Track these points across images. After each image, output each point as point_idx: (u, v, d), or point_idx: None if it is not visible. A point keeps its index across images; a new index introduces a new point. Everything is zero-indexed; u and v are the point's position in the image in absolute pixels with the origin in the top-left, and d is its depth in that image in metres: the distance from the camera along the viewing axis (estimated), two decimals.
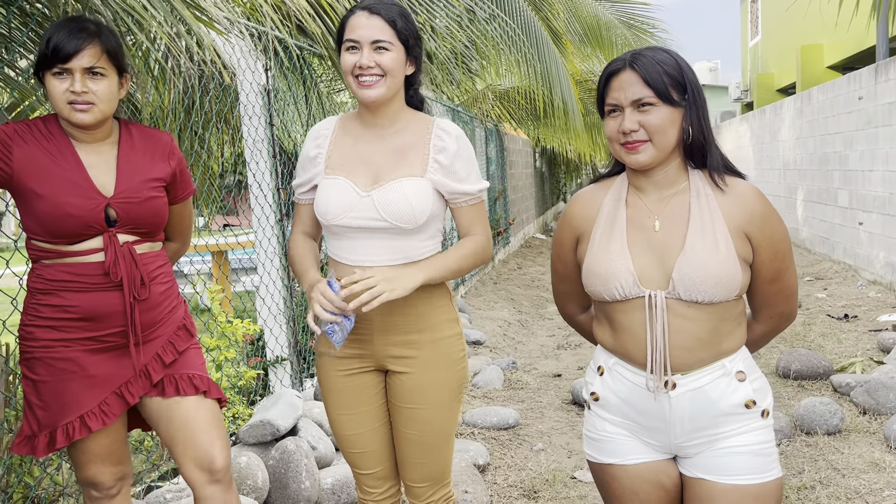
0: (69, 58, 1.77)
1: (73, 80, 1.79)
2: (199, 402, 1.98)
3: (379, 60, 1.84)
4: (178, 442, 1.97)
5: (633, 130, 1.55)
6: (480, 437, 4.11)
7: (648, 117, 1.55)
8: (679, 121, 1.57)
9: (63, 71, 1.79)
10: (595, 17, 8.05)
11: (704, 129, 1.59)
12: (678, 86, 1.56)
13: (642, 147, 1.57)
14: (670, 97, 1.54)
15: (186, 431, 1.95)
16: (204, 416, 1.97)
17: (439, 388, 1.97)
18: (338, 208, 1.89)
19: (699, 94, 1.58)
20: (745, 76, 20.64)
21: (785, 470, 3.46)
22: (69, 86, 1.79)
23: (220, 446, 1.98)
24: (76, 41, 1.78)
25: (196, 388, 1.97)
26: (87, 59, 1.79)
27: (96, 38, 1.81)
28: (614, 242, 1.64)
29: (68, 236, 1.84)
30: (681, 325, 1.58)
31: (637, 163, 1.59)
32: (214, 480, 1.97)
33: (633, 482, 1.70)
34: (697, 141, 1.59)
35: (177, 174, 2.01)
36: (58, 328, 1.87)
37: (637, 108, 1.55)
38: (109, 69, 1.84)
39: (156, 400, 1.97)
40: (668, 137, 1.56)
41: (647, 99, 1.54)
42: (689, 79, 1.57)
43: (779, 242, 1.62)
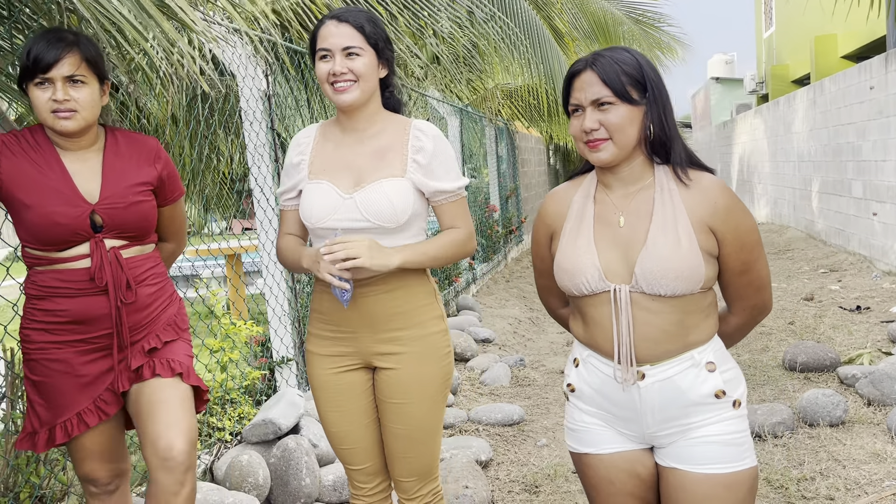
0: (49, 67, 1.82)
1: (54, 89, 1.83)
2: (171, 383, 1.95)
3: (351, 66, 1.90)
4: (141, 421, 1.94)
5: (594, 129, 1.59)
6: (485, 434, 4.15)
7: (608, 116, 1.59)
8: (640, 119, 1.61)
9: (44, 80, 1.83)
10: (602, 13, 8.04)
11: (666, 126, 1.62)
12: (638, 85, 1.59)
13: (603, 145, 1.61)
14: (629, 96, 1.58)
15: (151, 412, 1.93)
16: (171, 398, 1.93)
17: (425, 384, 2.01)
18: (322, 211, 1.95)
19: (660, 91, 1.62)
20: (759, 68, 20.47)
21: (785, 462, 3.46)
22: (51, 94, 1.83)
23: (179, 431, 1.91)
24: (55, 50, 1.82)
25: (172, 370, 1.97)
26: (66, 67, 1.83)
27: (75, 47, 1.86)
28: (581, 238, 1.68)
29: (57, 243, 1.89)
30: (646, 317, 1.62)
31: (599, 160, 1.63)
32: (167, 468, 1.90)
33: (608, 471, 1.73)
34: (659, 137, 1.62)
35: (163, 177, 2.05)
36: (50, 331, 1.93)
37: (597, 107, 1.59)
38: (90, 76, 1.89)
39: (135, 387, 1.97)
40: (628, 135, 1.60)
41: (605, 98, 1.58)
42: (650, 77, 1.61)
43: (745, 235, 1.64)
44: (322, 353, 2.05)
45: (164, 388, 1.95)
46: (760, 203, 15.19)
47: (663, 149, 1.65)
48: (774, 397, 4.38)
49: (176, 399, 1.95)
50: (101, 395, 1.97)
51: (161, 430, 1.91)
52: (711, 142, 22.11)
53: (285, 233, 2.09)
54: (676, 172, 1.63)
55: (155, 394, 1.94)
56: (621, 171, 1.67)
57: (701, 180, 1.64)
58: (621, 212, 1.66)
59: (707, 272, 1.61)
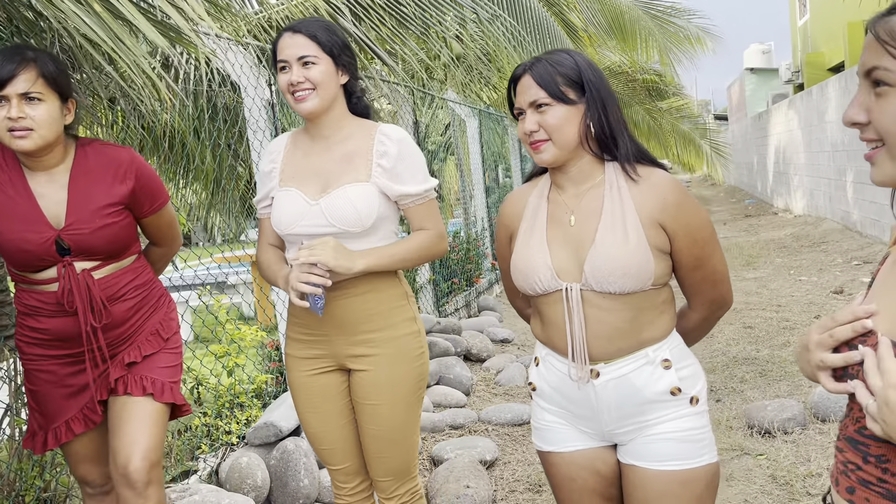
0: (4, 84, 1.77)
1: (9, 107, 1.79)
2: (140, 401, 1.97)
3: (307, 75, 1.94)
4: (110, 436, 1.98)
5: (534, 131, 1.63)
6: (494, 434, 4.17)
7: (545, 117, 1.61)
8: (578, 118, 1.62)
9: (0, 98, 1.79)
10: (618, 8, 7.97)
11: (608, 124, 1.63)
12: (574, 85, 1.61)
13: (544, 146, 1.63)
14: (564, 97, 1.60)
15: (116, 428, 1.96)
16: (135, 416, 1.95)
17: (398, 385, 2.04)
18: (290, 218, 1.99)
19: (600, 90, 1.63)
20: (795, 57, 20.03)
21: (793, 458, 3.41)
22: (6, 112, 1.78)
23: (139, 449, 1.93)
24: (10, 66, 1.77)
25: (143, 389, 1.98)
26: (21, 84, 1.78)
27: (32, 63, 1.80)
28: (534, 238, 1.70)
29: (27, 267, 1.91)
30: (598, 315, 1.63)
31: (542, 161, 1.66)
32: (127, 483, 1.93)
33: (569, 469, 1.75)
34: (601, 136, 1.63)
35: (136, 191, 2.00)
36: (39, 345, 2.01)
37: (536, 109, 1.62)
38: (48, 94, 1.83)
39: (110, 399, 2.02)
40: (567, 135, 1.62)
41: (541, 100, 1.61)
42: (588, 77, 1.62)
43: (696, 231, 1.64)
44: (298, 355, 2.09)
45: (131, 405, 1.97)
46: (797, 195, 14.87)
47: (610, 145, 1.65)
48: (789, 393, 4.31)
49: (141, 416, 1.96)
50: (87, 403, 2.03)
51: (121, 446, 1.94)
52: (747, 134, 21.71)
53: (265, 242, 2.13)
54: (624, 169, 1.64)
55: (123, 410, 1.97)
56: (570, 171, 1.68)
57: (650, 176, 1.64)
58: (572, 211, 1.68)
59: (657, 269, 1.61)
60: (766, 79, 25.07)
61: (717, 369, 4.97)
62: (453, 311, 6.98)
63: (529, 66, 1.64)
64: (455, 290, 7.30)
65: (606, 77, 1.73)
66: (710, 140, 17.29)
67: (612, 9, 7.92)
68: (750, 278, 8.30)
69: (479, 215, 8.76)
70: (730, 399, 4.38)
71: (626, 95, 13.17)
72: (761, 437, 3.73)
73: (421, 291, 6.55)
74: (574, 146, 1.64)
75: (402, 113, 6.32)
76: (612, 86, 1.72)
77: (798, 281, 7.83)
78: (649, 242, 1.60)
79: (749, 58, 26.58)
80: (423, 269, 6.57)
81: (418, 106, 6.95)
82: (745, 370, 4.88)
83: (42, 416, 2.04)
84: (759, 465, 3.41)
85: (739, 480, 3.29)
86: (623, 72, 12.29)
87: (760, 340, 5.57)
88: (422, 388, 2.11)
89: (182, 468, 3.17)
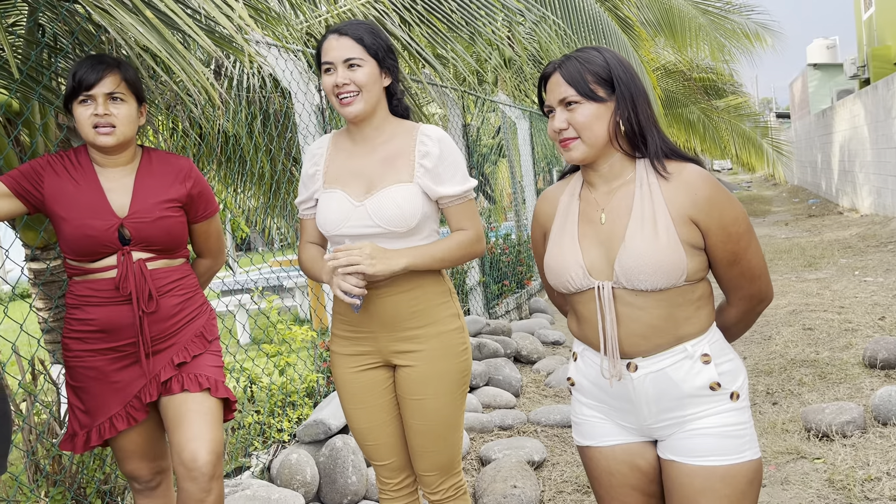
0: (92, 85, 2.00)
1: (96, 105, 2.01)
2: (198, 398, 2.07)
3: (352, 77, 1.98)
4: (170, 432, 2.08)
5: (563, 129, 1.63)
6: (543, 435, 4.15)
7: (574, 115, 1.62)
8: (607, 116, 1.62)
9: (87, 98, 2.01)
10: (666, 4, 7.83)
11: (637, 122, 1.62)
12: (604, 83, 1.61)
13: (573, 144, 1.64)
14: (594, 94, 1.61)
15: (178, 425, 2.06)
16: (197, 411, 2.05)
17: (442, 380, 2.07)
18: (336, 219, 2.04)
19: (629, 88, 1.62)
20: (860, 51, 19.35)
21: (851, 462, 3.30)
22: (93, 110, 2.01)
23: (204, 443, 2.02)
24: (98, 70, 2.01)
25: (199, 385, 2.09)
26: (107, 85, 2.01)
27: (115, 68, 2.05)
28: (566, 237, 1.71)
29: (88, 254, 2.05)
30: (631, 313, 1.62)
31: (571, 159, 1.67)
32: (192, 478, 2.02)
33: (608, 463, 1.74)
34: (631, 133, 1.63)
35: (193, 195, 2.18)
36: (84, 340, 2.09)
37: (565, 107, 1.63)
38: (128, 96, 2.06)
39: (164, 399, 2.11)
40: (596, 132, 1.62)
41: (570, 98, 1.62)
42: (618, 75, 1.62)
43: (730, 225, 1.61)
44: (344, 352, 2.14)
45: (191, 401, 2.07)
46: (862, 193, 14.36)
47: (641, 143, 1.65)
48: (849, 396, 4.17)
49: (202, 412, 2.06)
50: (130, 401, 2.11)
51: (185, 441, 2.03)
52: (811, 131, 21.06)
53: (306, 241, 2.19)
54: (654, 166, 1.63)
55: (182, 406, 2.06)
56: (601, 168, 1.68)
57: (682, 172, 1.63)
58: (603, 209, 1.68)
59: (690, 265, 1.59)
60: (830, 74, 24.29)
61: (774, 371, 4.85)
62: (504, 314, 6.98)
63: (559, 65, 1.65)
64: (505, 292, 7.29)
65: (658, 75, 1.72)
66: (772, 139, 16.84)
67: (661, 4, 7.80)
68: (811, 279, 8.06)
69: (531, 217, 8.73)
70: (787, 402, 4.26)
71: (682, 95, 12.92)
72: (818, 440, 3.62)
73: (471, 293, 6.56)
74: (603, 144, 1.64)
75: (452, 116, 6.36)
76: (666, 85, 1.71)
77: (863, 282, 7.56)
78: (681, 239, 1.58)
79: (812, 53, 25.81)
80: (473, 271, 6.59)
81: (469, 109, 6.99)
82: (803, 372, 4.75)
83: (85, 413, 2.12)
84: (815, 470, 3.32)
85: (795, 484, 3.21)
86: (678, 70, 12.07)
87: (821, 342, 5.40)
88: (465, 383, 2.13)
89: (235, 464, 3.25)
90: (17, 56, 2.81)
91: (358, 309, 1.98)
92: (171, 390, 2.09)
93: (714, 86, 15.12)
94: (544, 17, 4.78)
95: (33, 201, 2.06)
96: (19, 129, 3.06)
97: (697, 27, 8.35)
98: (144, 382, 2.10)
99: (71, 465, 2.69)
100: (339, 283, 1.94)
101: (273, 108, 4.69)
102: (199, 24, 2.62)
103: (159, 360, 2.11)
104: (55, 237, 3.09)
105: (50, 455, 2.66)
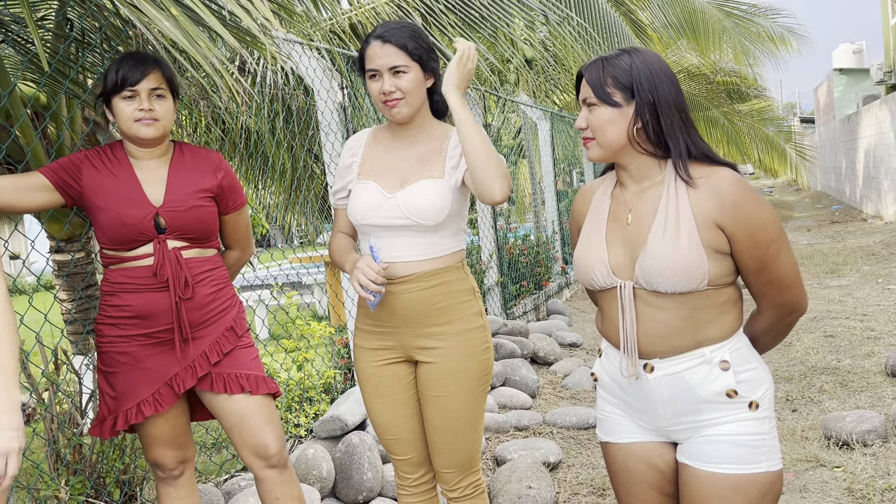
0: (138, 81, 2.08)
1: (140, 100, 2.09)
2: (247, 399, 2.20)
3: (398, 84, 2.02)
4: (234, 434, 2.22)
5: (583, 128, 1.66)
6: (559, 437, 4.14)
7: (592, 116, 1.64)
8: (624, 120, 1.62)
9: (132, 94, 2.09)
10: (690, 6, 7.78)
11: (659, 129, 1.61)
12: (623, 88, 1.61)
13: (591, 144, 1.67)
14: (609, 99, 1.61)
15: (241, 425, 2.20)
16: (254, 412, 2.20)
17: (464, 377, 2.08)
18: (367, 208, 2.08)
19: (652, 95, 1.60)
20: (888, 57, 19.09)
21: (871, 471, 3.26)
22: (137, 105, 2.09)
23: (273, 436, 2.22)
24: (143, 68, 2.10)
25: (242, 387, 2.19)
26: (152, 81, 2.10)
27: (157, 66, 2.13)
28: (594, 235, 1.72)
29: (125, 243, 2.11)
30: (651, 313, 1.62)
31: (590, 158, 1.70)
32: (270, 465, 2.22)
33: (626, 460, 1.75)
34: (655, 139, 1.62)
35: (224, 186, 2.25)
36: (118, 325, 2.14)
37: (587, 107, 1.65)
38: (167, 92, 2.15)
39: (210, 395, 2.21)
40: (608, 136, 1.63)
41: (590, 99, 1.64)
42: (638, 81, 1.61)
43: (757, 231, 1.58)
44: (367, 346, 2.16)
45: (247, 404, 2.21)
46: (887, 200, 14.17)
47: (665, 150, 1.64)
48: (870, 405, 4.12)
49: (258, 411, 2.22)
50: (160, 388, 2.15)
51: (248, 436, 2.21)
52: (835, 136, 20.82)
53: (338, 231, 2.23)
54: (677, 170, 1.62)
55: (240, 408, 2.21)
56: (630, 168, 1.69)
57: (710, 176, 1.61)
58: (630, 209, 1.68)
59: (714, 270, 1.58)
60: (856, 80, 24.00)
61: (794, 378, 4.80)
62: (521, 314, 6.97)
63: (589, 65, 1.66)
64: (523, 293, 7.28)
65: (680, 78, 1.72)
66: (795, 144, 16.66)
67: (684, 7, 7.75)
68: (833, 286, 7.97)
69: (551, 218, 8.71)
70: (807, 409, 4.22)
71: (704, 98, 12.82)
72: (839, 448, 3.58)
73: (489, 293, 6.56)
74: (618, 147, 1.64)
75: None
76: (688, 88, 1.71)
77: (886, 290, 7.47)
78: (704, 243, 1.57)
79: (838, 58, 25.51)
80: (491, 271, 6.58)
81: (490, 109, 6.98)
82: (824, 380, 4.70)
83: (115, 399, 2.17)
84: (835, 478, 3.28)
85: (814, 493, 3.18)
86: (701, 73, 11.98)
87: (842, 350, 5.34)
88: (486, 381, 2.14)
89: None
90: (46, 50, 2.85)
91: (374, 306, 2.00)
92: (215, 388, 2.18)
93: (737, 89, 14.97)
94: (568, 18, 4.77)
95: (72, 193, 2.13)
96: (47, 123, 3.10)
97: (721, 30, 8.27)
98: (177, 370, 2.15)
99: (91, 455, 2.72)
100: (358, 276, 1.98)
101: (296, 105, 4.72)
102: (224, 21, 2.64)
103: (194, 348, 2.16)
104: (80, 229, 3.14)
105: (70, 444, 2.69)
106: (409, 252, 2.06)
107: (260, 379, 2.23)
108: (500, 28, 4.68)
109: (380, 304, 2.08)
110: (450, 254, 2.09)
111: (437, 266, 2.07)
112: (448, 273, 2.08)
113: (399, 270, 2.05)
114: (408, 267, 2.05)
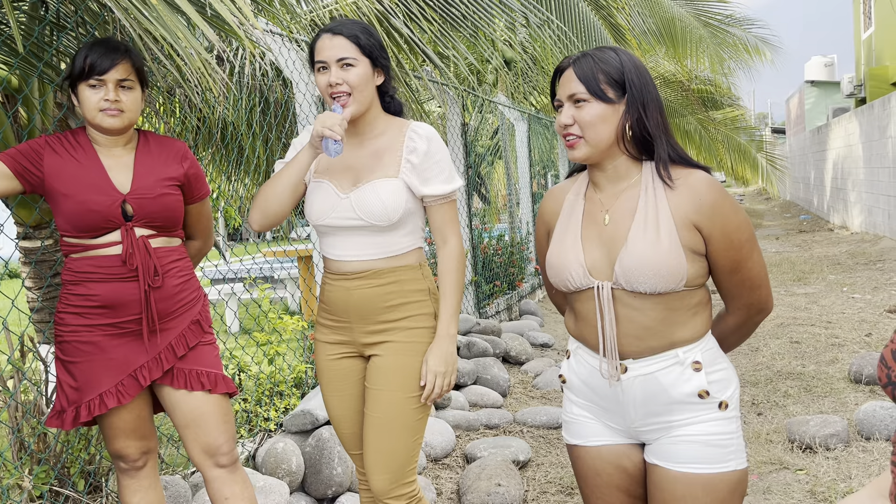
0: (105, 71, 2.03)
1: (106, 90, 2.04)
2: (205, 397, 2.18)
3: (345, 77, 1.98)
4: (188, 431, 2.19)
5: (569, 125, 1.62)
6: (529, 436, 4.17)
7: (581, 113, 1.61)
8: (615, 117, 1.62)
9: (98, 83, 2.05)
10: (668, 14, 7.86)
11: (646, 127, 1.62)
12: (615, 84, 1.61)
13: (578, 143, 1.64)
14: (603, 94, 1.60)
15: (195, 423, 2.17)
16: (210, 410, 2.18)
17: (404, 373, 2.06)
18: (321, 209, 2.07)
19: (641, 92, 1.61)
20: (858, 70, 19.48)
21: (833, 475, 3.33)
22: (104, 95, 2.04)
23: (226, 436, 2.21)
24: (112, 57, 2.05)
25: (202, 384, 2.16)
26: (120, 72, 2.05)
27: (127, 55, 2.08)
28: (569, 236, 1.71)
29: (91, 230, 2.06)
30: (628, 314, 1.63)
31: (574, 158, 1.67)
32: (219, 465, 2.21)
33: (594, 463, 1.75)
34: (640, 138, 1.63)
35: (190, 176, 2.22)
36: (83, 315, 2.10)
37: (574, 103, 1.62)
38: (136, 83, 2.11)
39: (168, 389, 2.18)
40: (599, 133, 1.61)
41: (579, 95, 1.60)
42: (630, 78, 1.61)
43: (733, 232, 1.61)
44: (324, 340, 2.17)
45: (205, 402, 2.18)
46: (854, 211, 14.46)
47: (648, 147, 1.65)
48: (833, 410, 4.20)
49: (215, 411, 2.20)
50: (122, 380, 2.12)
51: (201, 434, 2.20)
52: (805, 147, 21.18)
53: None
54: (658, 170, 1.63)
55: (197, 407, 2.18)
56: (606, 169, 1.68)
57: (688, 178, 1.63)
58: (607, 210, 1.68)
59: (691, 270, 1.60)
60: (826, 92, 24.44)
61: (760, 382, 4.88)
62: (494, 314, 6.99)
63: (574, 60, 1.64)
64: (496, 293, 7.30)
65: (657, 84, 1.72)
66: (767, 153, 16.92)
67: (663, 15, 7.83)
68: (800, 294, 8.11)
69: (525, 219, 8.74)
70: (771, 413, 4.29)
71: (679, 105, 12.96)
72: (802, 452, 3.65)
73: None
74: (607, 145, 1.63)
75: (451, 115, 6.36)
76: (664, 95, 1.71)
77: (851, 298, 7.62)
78: (683, 244, 1.59)
79: (810, 70, 25.95)
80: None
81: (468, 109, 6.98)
82: (788, 385, 4.78)
83: (75, 390, 2.12)
84: (797, 480, 3.34)
85: (777, 494, 3.23)
86: (677, 81, 12.11)
87: (807, 356, 5.44)
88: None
89: None
90: (21, 32, 2.79)
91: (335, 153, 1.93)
92: (175, 384, 2.15)
93: (712, 97, 15.16)
94: (548, 21, 4.79)
95: (32, 180, 2.07)
96: (18, 106, 3.04)
97: (698, 38, 8.37)
98: (143, 361, 2.12)
99: (56, 445, 2.68)
100: (320, 122, 1.92)
101: (274, 97, 4.68)
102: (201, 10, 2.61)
103: (161, 339, 2.13)
104: (49, 216, 3.08)
105: (35, 433, 2.64)
106: (364, 251, 2.06)
107: (220, 377, 2.21)
108: (480, 28, 4.68)
109: (334, 298, 2.09)
110: (405, 252, 2.08)
111: (392, 265, 2.06)
112: (403, 272, 2.07)
113: (353, 267, 2.06)
114: (362, 265, 2.06)
